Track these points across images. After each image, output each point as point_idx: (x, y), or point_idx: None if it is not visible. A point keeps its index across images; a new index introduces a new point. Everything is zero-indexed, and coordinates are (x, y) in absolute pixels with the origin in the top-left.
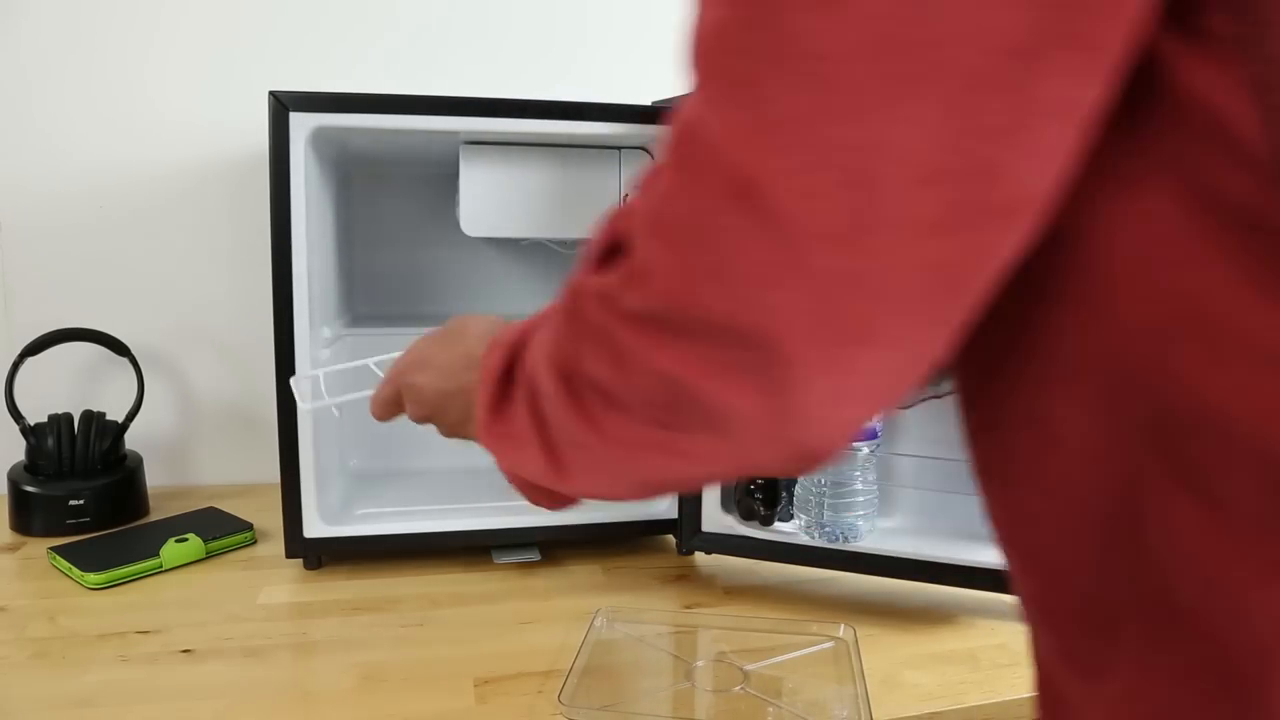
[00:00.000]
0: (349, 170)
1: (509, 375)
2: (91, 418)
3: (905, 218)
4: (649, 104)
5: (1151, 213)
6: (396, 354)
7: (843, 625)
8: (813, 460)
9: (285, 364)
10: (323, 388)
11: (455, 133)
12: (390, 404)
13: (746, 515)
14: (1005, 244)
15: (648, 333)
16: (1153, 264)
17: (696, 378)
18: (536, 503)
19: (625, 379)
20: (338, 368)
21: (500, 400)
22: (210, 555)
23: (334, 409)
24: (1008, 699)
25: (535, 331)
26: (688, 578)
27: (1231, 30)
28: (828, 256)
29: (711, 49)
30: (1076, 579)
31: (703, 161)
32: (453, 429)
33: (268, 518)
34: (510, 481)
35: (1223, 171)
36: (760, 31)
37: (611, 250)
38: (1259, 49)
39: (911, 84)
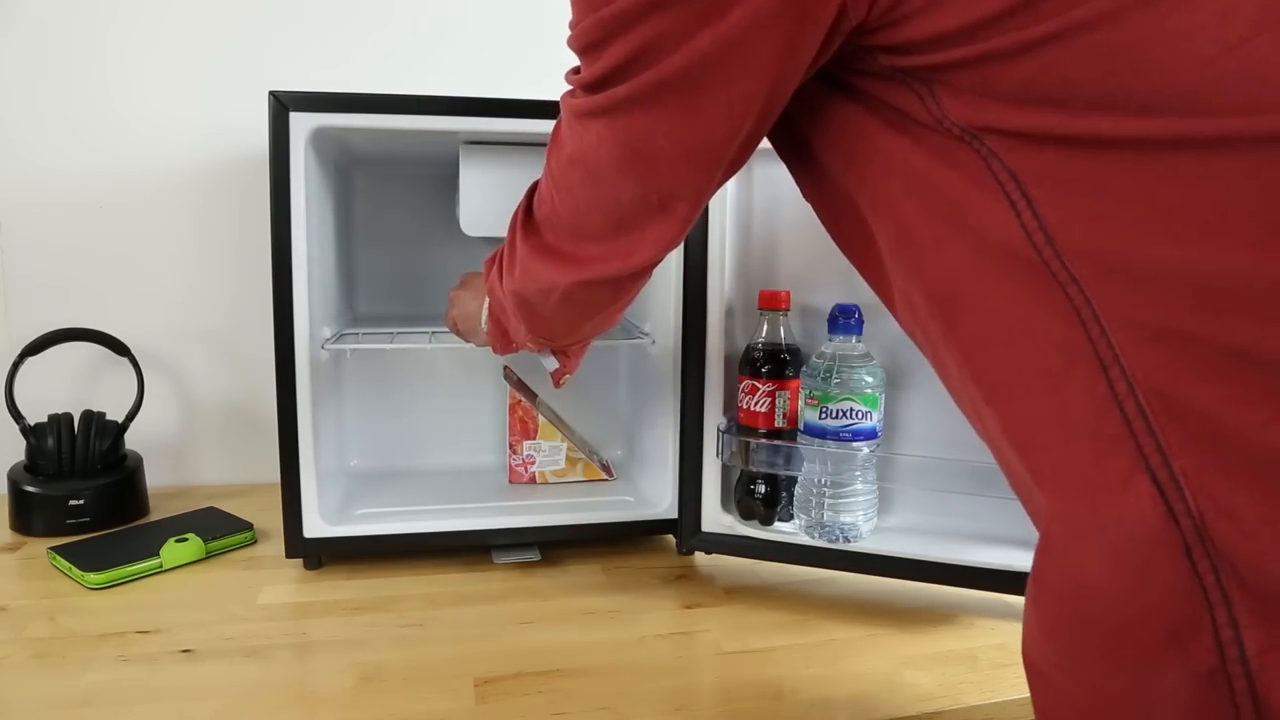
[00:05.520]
0: (349, 170)
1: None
2: (91, 418)
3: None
4: None
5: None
6: None
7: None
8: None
9: (285, 364)
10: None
11: (455, 133)
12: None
13: (746, 515)
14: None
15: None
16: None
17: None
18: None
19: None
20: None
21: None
22: (210, 555)
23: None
24: (1007, 699)
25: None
26: (688, 578)
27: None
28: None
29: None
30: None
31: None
32: (466, 336)
33: (268, 518)
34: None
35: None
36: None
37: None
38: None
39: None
